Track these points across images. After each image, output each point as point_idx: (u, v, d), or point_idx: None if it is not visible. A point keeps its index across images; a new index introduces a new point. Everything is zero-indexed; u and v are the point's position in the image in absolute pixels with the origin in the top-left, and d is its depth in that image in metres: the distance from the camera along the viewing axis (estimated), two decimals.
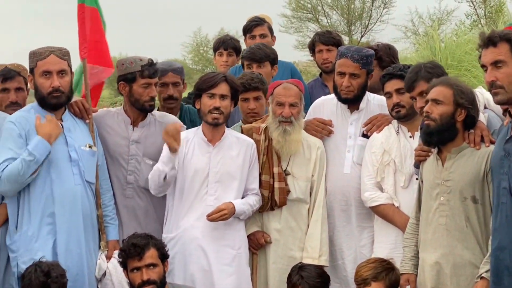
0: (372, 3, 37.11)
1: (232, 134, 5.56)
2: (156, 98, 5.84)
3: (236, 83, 5.51)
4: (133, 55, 5.73)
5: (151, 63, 5.57)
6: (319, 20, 37.20)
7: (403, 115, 5.30)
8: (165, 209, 5.52)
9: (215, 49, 7.51)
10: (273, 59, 6.39)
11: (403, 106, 5.27)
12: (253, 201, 5.48)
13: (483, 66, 4.26)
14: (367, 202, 5.43)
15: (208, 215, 5.28)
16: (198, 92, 5.46)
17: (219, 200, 5.35)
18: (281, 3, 37.24)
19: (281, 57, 6.64)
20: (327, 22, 37.35)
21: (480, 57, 4.39)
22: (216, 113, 5.35)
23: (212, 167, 5.40)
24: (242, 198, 5.48)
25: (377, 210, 5.40)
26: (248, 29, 7.17)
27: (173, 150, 5.19)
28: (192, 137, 5.48)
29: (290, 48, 36.51)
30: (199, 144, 5.46)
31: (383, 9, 37.23)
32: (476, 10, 30.00)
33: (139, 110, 5.63)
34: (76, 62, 5.58)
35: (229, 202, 5.34)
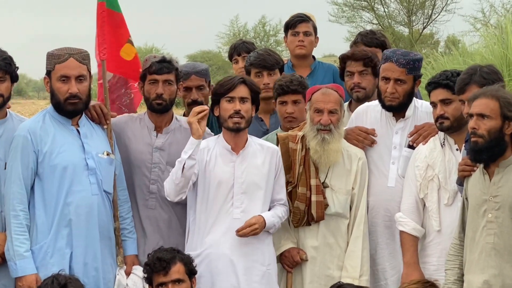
0: None
1: (255, 141, 5.54)
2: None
3: (255, 85, 5.50)
4: (160, 46, 5.81)
5: (162, 60, 5.58)
6: (375, 8, 36.94)
7: (446, 127, 5.28)
8: (186, 224, 5.50)
9: (230, 57, 7.58)
10: (282, 66, 6.41)
11: (447, 118, 5.25)
12: (282, 212, 5.45)
13: None
14: (396, 222, 5.50)
15: (238, 231, 5.25)
16: (216, 98, 5.43)
17: (246, 213, 5.32)
18: None
19: (330, 50, 6.78)
20: (384, 11, 37.11)
21: None
22: (237, 117, 5.31)
23: (237, 178, 5.35)
24: (269, 209, 5.46)
25: (400, 233, 5.49)
26: (291, 25, 7.05)
27: (196, 135, 5.14)
28: (213, 146, 5.43)
29: (340, 40, 36.23)
30: (221, 153, 5.41)
31: None
32: None
33: (151, 111, 5.65)
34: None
35: (259, 215, 5.31)
